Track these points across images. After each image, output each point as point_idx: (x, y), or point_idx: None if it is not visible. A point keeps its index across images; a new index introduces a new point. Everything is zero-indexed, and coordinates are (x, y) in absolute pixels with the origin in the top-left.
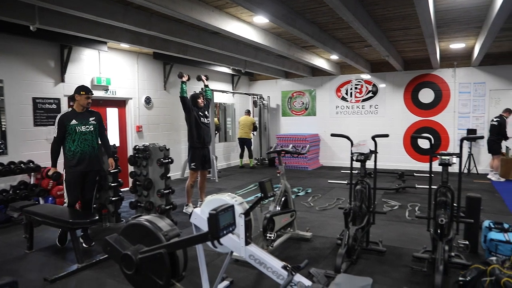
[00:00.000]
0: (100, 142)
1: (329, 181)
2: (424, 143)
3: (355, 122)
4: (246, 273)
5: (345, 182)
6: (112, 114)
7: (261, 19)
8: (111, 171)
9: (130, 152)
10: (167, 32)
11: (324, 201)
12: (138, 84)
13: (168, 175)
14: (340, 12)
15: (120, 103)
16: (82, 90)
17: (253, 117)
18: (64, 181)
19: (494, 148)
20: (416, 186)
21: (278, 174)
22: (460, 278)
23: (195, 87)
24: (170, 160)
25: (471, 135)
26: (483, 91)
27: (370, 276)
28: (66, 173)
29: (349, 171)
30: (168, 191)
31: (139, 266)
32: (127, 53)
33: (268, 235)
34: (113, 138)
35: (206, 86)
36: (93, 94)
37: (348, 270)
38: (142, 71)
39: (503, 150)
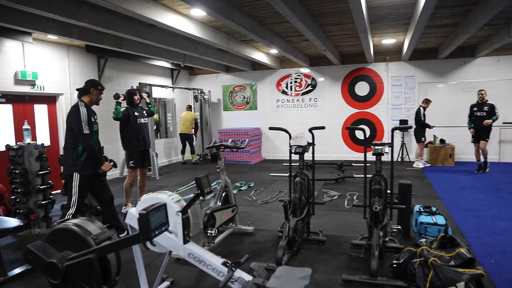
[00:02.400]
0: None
1: (271, 174)
2: (361, 134)
3: (296, 115)
4: (188, 272)
5: (287, 174)
6: (41, 111)
7: (198, 12)
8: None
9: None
10: (100, 24)
11: (266, 195)
12: (70, 79)
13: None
14: (276, 6)
15: (50, 99)
16: (99, 84)
17: (194, 112)
18: (73, 186)
19: (416, 136)
20: (354, 175)
21: (217, 169)
22: (394, 261)
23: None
24: (105, 159)
25: (401, 125)
26: (413, 84)
27: (311, 266)
28: (77, 176)
29: (294, 163)
30: None
31: (66, 274)
32: (56, 46)
33: (209, 231)
34: (43, 137)
35: (148, 103)
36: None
37: (290, 261)
38: (74, 65)
39: (432, 138)
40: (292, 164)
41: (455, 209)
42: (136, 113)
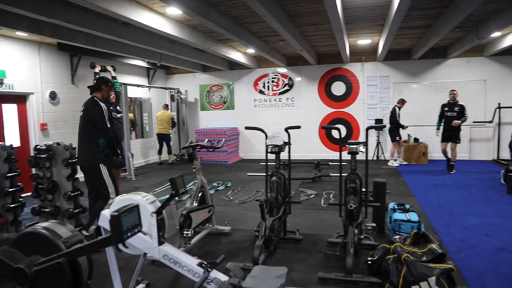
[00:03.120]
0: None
1: (248, 174)
2: (337, 133)
3: (273, 115)
4: (164, 274)
5: (263, 174)
6: (10, 111)
7: (174, 10)
8: None
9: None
10: (72, 21)
11: (244, 194)
12: (41, 78)
13: (76, 176)
14: (253, 5)
15: (20, 99)
16: (110, 81)
17: (171, 111)
18: (105, 177)
19: (391, 135)
20: (331, 174)
21: (194, 169)
22: (369, 258)
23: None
24: (75, 159)
25: (375, 125)
26: (388, 84)
27: (288, 265)
28: (104, 168)
29: (270, 163)
30: (76, 193)
31: (34, 280)
32: (26, 43)
33: (185, 232)
34: (12, 137)
35: (114, 77)
36: None
37: (267, 261)
38: (45, 63)
39: (406, 137)
40: (269, 163)
41: (428, 206)
42: (111, 107)
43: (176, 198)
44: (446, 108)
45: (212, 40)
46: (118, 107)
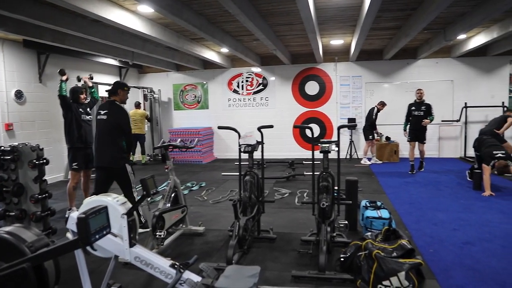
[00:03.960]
0: None
1: (222, 173)
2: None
3: (247, 114)
4: (136, 276)
5: (237, 173)
6: None
7: (146, 8)
8: None
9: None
10: (38, 17)
11: (218, 194)
12: (5, 76)
13: (44, 178)
14: (225, 4)
15: None
16: (125, 85)
17: (144, 110)
18: (126, 174)
19: (365, 134)
20: (305, 173)
21: (166, 170)
22: (342, 255)
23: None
24: (44, 161)
25: (346, 124)
26: (360, 84)
27: (262, 264)
28: (129, 167)
29: (243, 163)
30: (44, 195)
31: None
32: None
33: (158, 233)
34: None
35: (91, 87)
36: None
37: (241, 260)
38: (10, 61)
39: (378, 136)
40: (243, 163)
41: (399, 203)
42: (81, 110)
43: (149, 199)
44: (413, 108)
45: (185, 39)
46: (88, 109)
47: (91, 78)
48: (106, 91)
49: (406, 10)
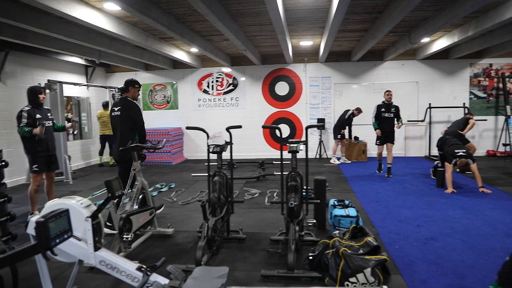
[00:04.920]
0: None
1: (192, 174)
2: (282, 132)
3: (218, 115)
4: (102, 281)
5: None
6: None
7: (112, 6)
8: None
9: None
10: None
11: (188, 195)
12: None
13: (3, 181)
14: (194, 4)
15: None
16: (136, 83)
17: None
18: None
19: (334, 133)
20: (275, 173)
21: (133, 171)
22: (310, 254)
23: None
24: (3, 163)
25: (313, 124)
26: (329, 85)
27: (231, 264)
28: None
29: (212, 163)
30: (3, 200)
31: None
32: None
33: (125, 236)
34: None
35: (72, 132)
36: None
37: (210, 261)
38: None
39: (347, 136)
40: (213, 163)
41: (367, 201)
42: (38, 115)
43: (115, 200)
44: (383, 109)
45: (154, 38)
46: (49, 114)
47: (75, 124)
48: (119, 88)
49: (373, 13)
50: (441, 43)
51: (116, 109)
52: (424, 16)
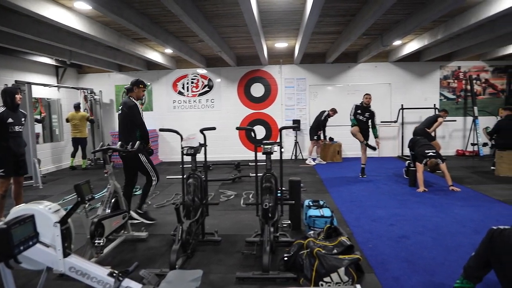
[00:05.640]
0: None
1: (167, 177)
2: (257, 134)
3: (193, 116)
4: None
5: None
6: None
7: (83, 5)
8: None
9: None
10: None
11: (163, 198)
12: None
13: None
14: (168, 4)
15: None
16: (141, 83)
17: (85, 111)
18: (145, 163)
19: (310, 134)
20: (250, 174)
21: (105, 174)
22: (285, 255)
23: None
24: None
25: (287, 125)
26: (304, 86)
27: (206, 267)
28: (143, 156)
29: (187, 165)
30: None
31: None
32: None
33: (96, 241)
34: None
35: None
36: None
37: (185, 265)
38: None
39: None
40: (186, 165)
41: (341, 201)
42: (10, 120)
43: (87, 205)
44: (359, 111)
45: (127, 39)
46: (23, 119)
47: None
48: (125, 88)
49: (346, 16)
50: (412, 46)
51: (120, 108)
52: (396, 20)
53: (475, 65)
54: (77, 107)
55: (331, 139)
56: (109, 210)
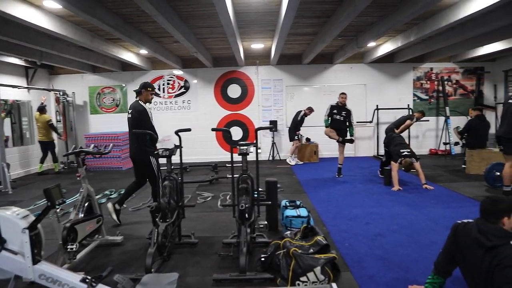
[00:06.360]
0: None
1: None
2: (234, 135)
3: (169, 118)
4: None
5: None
6: None
7: (52, 4)
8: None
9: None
10: None
11: (138, 201)
12: None
13: None
14: (142, 4)
15: None
16: (149, 86)
17: (56, 113)
18: (154, 167)
19: (289, 135)
20: (228, 175)
21: (78, 178)
22: (262, 255)
23: None
24: None
25: (263, 126)
26: (281, 87)
27: (183, 270)
28: (153, 159)
29: (162, 167)
30: None
31: None
32: None
33: (69, 247)
34: None
35: None
36: None
37: (161, 268)
38: None
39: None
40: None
41: (318, 201)
42: None
43: (58, 210)
44: (335, 111)
45: (100, 39)
46: None
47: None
48: (134, 91)
49: (322, 17)
50: (386, 47)
51: (129, 111)
52: (370, 22)
53: (446, 67)
54: (41, 109)
55: (308, 139)
56: (82, 215)
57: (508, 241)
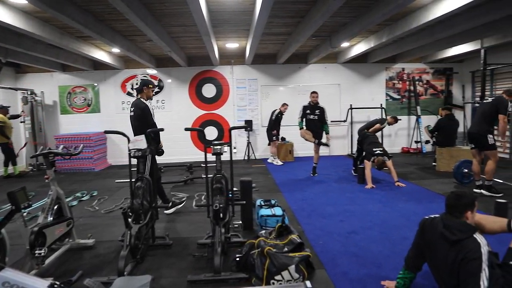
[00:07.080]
0: None
1: (116, 180)
2: (209, 135)
3: None
4: None
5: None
6: None
7: None
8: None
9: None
10: None
11: (111, 203)
12: None
13: None
14: (113, 1)
15: None
16: (150, 83)
17: (21, 113)
18: (147, 163)
19: (268, 136)
20: (203, 176)
21: (46, 180)
22: (237, 255)
23: None
24: None
25: (236, 126)
26: (256, 87)
27: (157, 271)
28: (150, 156)
29: (135, 169)
30: None
31: None
32: None
33: (37, 252)
34: None
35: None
36: None
37: (134, 270)
38: None
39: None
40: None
41: (293, 200)
42: None
43: (24, 213)
44: (308, 111)
45: (70, 37)
46: None
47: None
48: (135, 89)
49: (296, 17)
50: (360, 47)
51: (131, 109)
52: (343, 22)
53: (417, 67)
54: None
55: (283, 139)
56: (51, 218)
57: (471, 235)
